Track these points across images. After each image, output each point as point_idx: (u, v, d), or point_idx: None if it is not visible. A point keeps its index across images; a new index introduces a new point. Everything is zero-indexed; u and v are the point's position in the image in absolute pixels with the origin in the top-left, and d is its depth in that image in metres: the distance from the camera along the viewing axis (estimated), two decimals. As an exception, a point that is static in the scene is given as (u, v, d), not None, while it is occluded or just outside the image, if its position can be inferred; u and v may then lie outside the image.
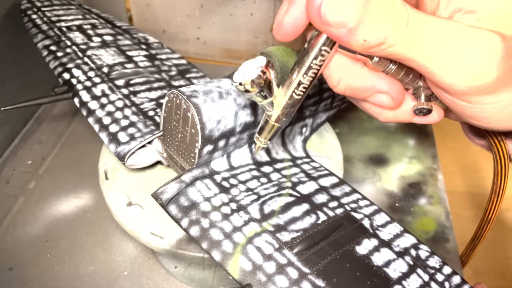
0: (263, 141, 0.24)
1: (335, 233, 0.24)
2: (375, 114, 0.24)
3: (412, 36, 0.18)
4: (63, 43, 0.35)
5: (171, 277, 0.32)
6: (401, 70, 0.21)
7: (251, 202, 0.25)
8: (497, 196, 0.27)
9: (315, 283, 0.21)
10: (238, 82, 0.20)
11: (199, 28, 0.54)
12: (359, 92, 0.22)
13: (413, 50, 0.18)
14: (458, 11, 0.20)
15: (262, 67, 0.20)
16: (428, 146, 0.44)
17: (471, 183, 0.59)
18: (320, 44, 0.19)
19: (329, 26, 0.17)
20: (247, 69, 0.20)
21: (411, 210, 0.38)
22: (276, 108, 0.22)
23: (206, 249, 0.22)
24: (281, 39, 0.20)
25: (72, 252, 0.33)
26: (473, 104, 0.20)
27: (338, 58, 0.20)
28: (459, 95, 0.19)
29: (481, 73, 0.18)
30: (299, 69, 0.20)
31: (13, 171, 0.39)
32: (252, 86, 0.20)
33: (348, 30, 0.17)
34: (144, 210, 0.28)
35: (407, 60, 0.19)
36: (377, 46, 0.18)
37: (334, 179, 0.29)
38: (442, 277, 0.23)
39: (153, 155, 0.29)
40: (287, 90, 0.21)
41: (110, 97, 0.31)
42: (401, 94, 0.22)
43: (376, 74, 0.21)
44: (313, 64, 0.20)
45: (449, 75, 0.18)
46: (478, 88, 0.19)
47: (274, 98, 0.21)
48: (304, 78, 0.20)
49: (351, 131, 0.45)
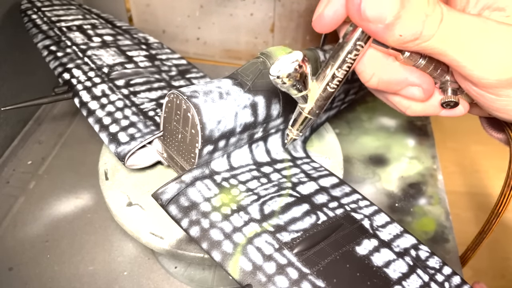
0: (295, 132, 0.25)
1: (335, 234, 0.24)
2: (403, 108, 0.24)
3: (445, 32, 0.19)
4: (63, 43, 0.35)
5: (171, 277, 0.32)
6: (431, 64, 0.22)
7: (251, 202, 0.25)
8: (510, 189, 0.27)
9: (315, 284, 0.21)
10: (276, 75, 0.21)
11: (199, 28, 0.54)
12: (392, 85, 0.22)
13: (446, 45, 0.19)
14: (487, 8, 0.21)
15: (298, 61, 0.21)
16: (428, 146, 0.44)
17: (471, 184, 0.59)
18: (355, 39, 0.20)
19: (368, 22, 0.18)
20: (284, 62, 0.21)
21: (411, 210, 0.38)
22: (310, 101, 0.23)
23: (206, 250, 0.22)
24: (320, 31, 0.21)
25: (72, 252, 0.33)
26: (501, 97, 0.20)
27: (371, 52, 0.21)
28: (487, 88, 0.20)
29: (510, 66, 0.19)
30: (334, 62, 0.21)
31: (13, 171, 0.39)
32: (289, 79, 0.21)
33: (386, 25, 0.18)
34: (144, 210, 0.28)
35: (439, 55, 0.20)
36: (412, 41, 0.19)
37: (334, 179, 0.29)
38: (442, 277, 0.23)
39: (153, 155, 0.29)
40: (321, 84, 0.22)
41: (110, 97, 0.31)
42: (431, 86, 0.23)
43: (408, 67, 0.22)
44: (348, 58, 0.21)
45: (479, 68, 0.19)
46: (507, 81, 0.19)
47: (308, 91, 0.22)
48: (339, 72, 0.21)
49: (351, 131, 0.45)
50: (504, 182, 0.27)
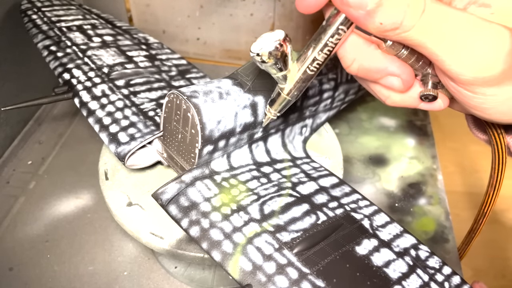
0: (273, 112, 0.25)
1: (335, 234, 0.24)
2: (383, 97, 0.24)
3: (426, 24, 0.19)
4: (63, 43, 0.35)
5: (171, 277, 0.32)
6: (413, 55, 0.22)
7: (251, 202, 0.25)
8: (493, 190, 0.27)
9: (315, 283, 0.21)
10: (256, 52, 0.21)
11: (199, 29, 0.54)
12: (372, 73, 0.22)
13: (426, 37, 0.19)
14: (473, 3, 0.21)
15: (280, 40, 0.21)
16: (428, 146, 0.44)
17: (471, 183, 0.59)
18: (338, 23, 0.20)
19: (349, 7, 0.18)
20: (265, 40, 0.21)
21: (411, 210, 0.38)
22: (289, 82, 0.22)
23: (206, 249, 0.22)
24: (303, 11, 0.21)
25: (72, 252, 0.33)
26: (477, 95, 0.20)
27: (354, 38, 0.21)
28: (464, 84, 0.20)
29: (487, 65, 0.19)
30: (315, 45, 0.21)
31: (13, 171, 0.39)
32: (268, 57, 0.21)
33: (367, 12, 0.18)
34: (144, 210, 0.28)
35: (419, 46, 0.19)
36: (392, 30, 0.19)
37: (334, 179, 0.29)
38: (441, 277, 0.23)
39: (153, 155, 0.29)
40: (301, 65, 0.22)
41: (110, 98, 0.31)
42: (411, 78, 0.23)
43: (389, 57, 0.22)
44: (329, 42, 0.21)
45: (458, 64, 0.19)
46: (483, 79, 0.19)
47: (288, 72, 0.22)
48: (319, 55, 0.21)
49: (350, 131, 0.45)
50: (488, 183, 0.27)
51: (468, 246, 0.31)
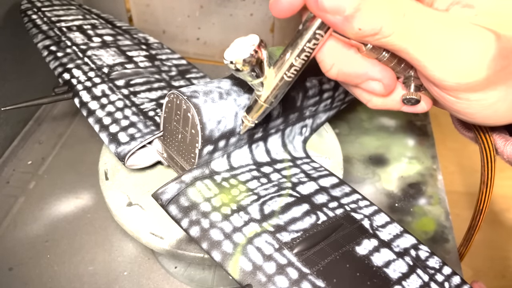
0: (250, 120, 0.24)
1: (335, 234, 0.24)
2: (365, 100, 0.23)
3: (407, 29, 0.18)
4: (63, 43, 0.35)
5: (171, 277, 0.32)
6: (394, 58, 0.21)
7: (251, 202, 0.25)
8: (486, 187, 0.27)
9: (315, 284, 0.21)
10: (229, 60, 0.20)
11: (199, 29, 0.54)
12: (352, 78, 0.21)
13: (407, 42, 0.18)
14: (456, 3, 0.20)
15: (254, 45, 0.19)
16: (428, 146, 0.44)
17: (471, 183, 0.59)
18: (314, 28, 0.19)
19: (325, 12, 0.17)
20: (239, 47, 0.20)
21: (411, 210, 0.38)
22: (266, 89, 0.21)
23: (206, 250, 0.22)
24: (277, 15, 0.20)
25: (72, 252, 0.33)
26: (461, 100, 0.20)
27: (332, 42, 0.20)
28: (447, 90, 0.20)
29: (471, 71, 0.18)
30: (292, 51, 0.20)
31: (13, 172, 0.39)
32: (243, 65, 0.20)
33: (344, 17, 0.17)
34: (144, 210, 0.28)
35: (400, 52, 0.19)
36: (371, 35, 0.18)
37: (334, 179, 0.29)
38: (442, 277, 0.23)
39: (153, 155, 0.29)
40: (278, 71, 0.21)
41: (110, 98, 0.31)
42: (392, 82, 0.22)
43: (369, 60, 0.21)
44: (306, 47, 0.19)
45: (440, 70, 0.19)
46: (466, 85, 0.19)
47: (264, 79, 0.21)
48: (296, 61, 0.20)
49: (350, 131, 0.45)
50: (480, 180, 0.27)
51: (469, 244, 0.31)
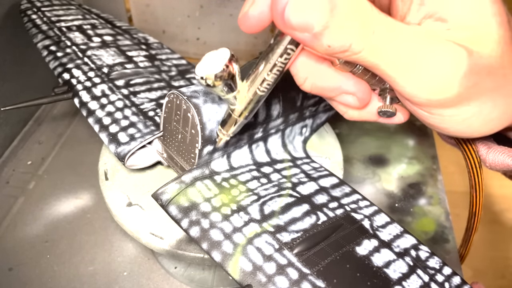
0: (225, 133, 0.23)
1: (335, 234, 0.24)
2: (341, 112, 0.23)
3: (377, 45, 0.17)
4: (63, 43, 0.35)
5: (171, 278, 0.32)
6: (368, 72, 0.21)
7: (251, 202, 0.25)
8: (476, 192, 0.27)
9: (315, 284, 0.21)
10: (200, 76, 0.19)
11: (199, 29, 0.54)
12: (326, 91, 0.21)
13: (378, 58, 0.18)
14: (429, 17, 0.19)
15: (226, 59, 0.19)
16: (428, 146, 0.44)
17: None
18: (285, 42, 0.19)
19: (293, 30, 0.17)
20: (209, 62, 0.19)
21: (411, 210, 0.38)
22: (240, 103, 0.21)
23: (206, 250, 0.22)
24: (246, 31, 0.19)
25: (71, 252, 0.33)
26: (434, 115, 0.20)
27: (304, 57, 0.20)
28: (419, 105, 0.19)
29: (442, 87, 0.18)
30: (265, 65, 0.20)
31: (13, 172, 0.39)
32: (215, 80, 0.19)
33: (313, 34, 0.17)
34: (144, 210, 0.28)
35: (371, 67, 0.19)
36: (341, 52, 0.17)
37: (334, 179, 0.29)
38: (442, 277, 0.23)
39: (153, 155, 0.29)
40: (251, 85, 0.20)
41: (110, 98, 0.31)
42: (367, 95, 0.22)
43: (343, 74, 0.21)
44: (278, 62, 0.19)
45: (411, 86, 0.18)
46: (438, 101, 0.19)
47: (237, 93, 0.21)
48: (269, 75, 0.20)
49: (351, 131, 0.45)
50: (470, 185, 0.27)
51: (468, 245, 0.31)
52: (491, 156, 0.24)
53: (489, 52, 0.18)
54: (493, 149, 0.24)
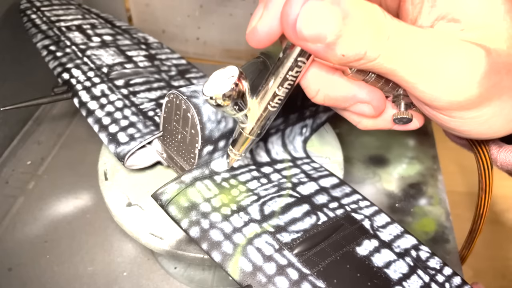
0: (237, 153, 0.23)
1: (335, 234, 0.24)
2: (354, 122, 0.23)
3: (392, 50, 0.17)
4: (62, 43, 0.35)
5: (171, 278, 0.32)
6: (381, 79, 0.20)
7: (251, 203, 0.25)
8: (484, 193, 0.27)
9: (316, 284, 0.21)
10: (209, 96, 0.19)
11: (199, 28, 0.54)
12: (339, 102, 0.21)
13: (394, 64, 0.17)
14: (441, 18, 0.19)
15: (234, 78, 0.18)
16: (428, 146, 0.44)
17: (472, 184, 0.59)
18: (295, 55, 0.18)
19: (305, 41, 0.16)
20: (217, 81, 0.19)
21: (411, 210, 0.38)
22: (251, 121, 0.21)
23: (206, 250, 0.22)
24: (255, 46, 0.19)
25: (71, 252, 0.33)
26: (454, 118, 0.19)
27: (315, 68, 0.19)
28: (439, 109, 0.19)
29: (462, 89, 0.18)
30: (274, 80, 0.19)
31: (12, 172, 0.39)
32: (224, 100, 0.19)
33: (326, 45, 0.16)
34: (143, 210, 0.27)
35: (387, 74, 0.18)
36: (356, 61, 0.17)
37: (334, 179, 0.29)
38: (442, 278, 0.23)
39: (153, 155, 0.29)
40: (261, 102, 0.20)
41: (110, 97, 0.31)
42: (382, 103, 0.21)
43: (356, 83, 0.20)
44: (289, 76, 0.19)
45: (430, 89, 0.18)
46: (459, 104, 0.18)
47: (248, 111, 0.20)
48: (280, 90, 0.19)
49: (351, 131, 0.45)
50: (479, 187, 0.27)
51: (471, 246, 0.31)
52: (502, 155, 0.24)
53: (506, 50, 0.18)
54: (505, 148, 0.24)
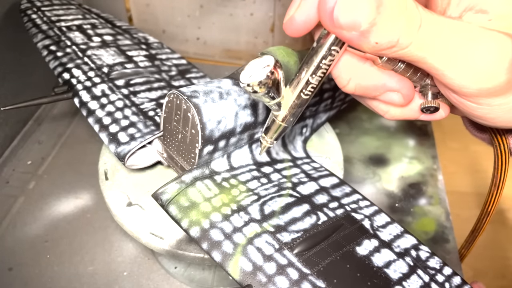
0: (269, 140, 0.24)
1: (335, 234, 0.24)
2: (382, 112, 0.23)
3: (423, 39, 0.18)
4: (63, 43, 0.35)
5: (171, 278, 0.32)
6: (410, 68, 0.21)
7: (252, 202, 0.25)
8: (497, 189, 0.27)
9: (316, 284, 0.21)
10: (246, 83, 0.20)
11: (199, 28, 0.54)
12: (370, 91, 0.22)
13: (424, 52, 0.18)
14: (469, 9, 0.20)
15: (270, 67, 0.19)
16: (428, 146, 0.44)
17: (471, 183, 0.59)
18: (329, 44, 0.19)
19: (341, 29, 0.17)
20: (254, 69, 0.20)
21: (411, 210, 0.38)
22: (284, 108, 0.21)
23: (206, 250, 0.22)
24: (291, 35, 0.20)
25: (71, 252, 0.33)
26: (482, 106, 0.20)
27: (347, 57, 0.20)
28: (468, 96, 0.19)
29: (491, 76, 0.18)
30: (308, 68, 0.20)
31: (13, 171, 0.39)
32: (260, 87, 0.20)
33: (360, 33, 0.17)
34: (144, 210, 0.27)
35: (417, 62, 0.19)
36: (388, 48, 0.18)
37: (334, 179, 0.29)
38: (442, 277, 0.23)
39: (153, 155, 0.29)
40: (294, 90, 0.21)
41: (110, 97, 0.31)
42: (411, 92, 0.22)
43: (386, 72, 0.21)
44: (322, 64, 0.19)
45: (459, 77, 0.19)
46: (487, 90, 0.19)
47: (281, 99, 0.21)
48: (313, 78, 0.20)
49: (351, 131, 0.45)
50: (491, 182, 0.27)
51: (472, 245, 0.31)
52: None
53: None
54: None
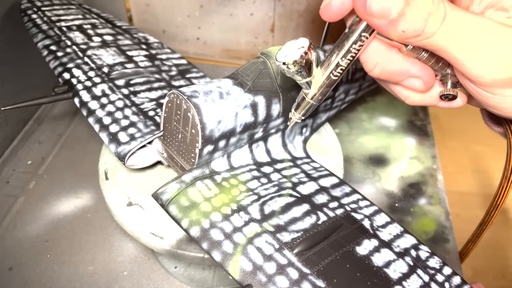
0: (298, 116, 0.26)
1: (335, 234, 0.24)
2: (403, 97, 0.25)
3: (447, 30, 0.19)
4: (63, 43, 0.35)
5: (171, 277, 0.32)
6: (432, 57, 0.22)
7: (252, 202, 0.25)
8: (507, 182, 0.28)
9: (316, 284, 0.21)
10: (282, 61, 0.22)
11: (199, 28, 0.54)
12: (394, 76, 0.23)
13: (447, 43, 0.20)
14: (491, 7, 0.22)
15: (305, 48, 0.21)
16: (428, 146, 0.44)
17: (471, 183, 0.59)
18: (360, 30, 0.21)
19: (372, 17, 0.19)
20: (290, 49, 0.22)
21: (411, 210, 0.38)
22: (314, 87, 0.24)
23: (206, 250, 0.22)
24: (327, 19, 0.22)
25: (72, 252, 0.33)
26: (496, 95, 0.21)
27: (375, 43, 0.22)
28: (483, 86, 0.21)
29: (506, 68, 0.20)
30: (339, 52, 0.22)
31: (13, 171, 0.39)
32: (294, 65, 0.22)
33: (389, 21, 0.19)
34: (144, 210, 0.28)
35: (440, 51, 0.20)
36: (414, 37, 0.20)
37: (334, 179, 0.29)
38: (442, 277, 0.23)
39: (153, 155, 0.29)
40: (325, 71, 0.23)
41: (110, 97, 0.31)
42: (432, 79, 0.24)
43: (410, 60, 0.23)
44: (352, 48, 0.21)
45: (477, 67, 0.20)
46: (502, 81, 0.20)
47: (312, 78, 0.23)
48: (343, 61, 0.22)
49: (351, 131, 0.45)
50: (502, 175, 0.28)
51: (479, 238, 0.32)
52: None
53: None
54: None
